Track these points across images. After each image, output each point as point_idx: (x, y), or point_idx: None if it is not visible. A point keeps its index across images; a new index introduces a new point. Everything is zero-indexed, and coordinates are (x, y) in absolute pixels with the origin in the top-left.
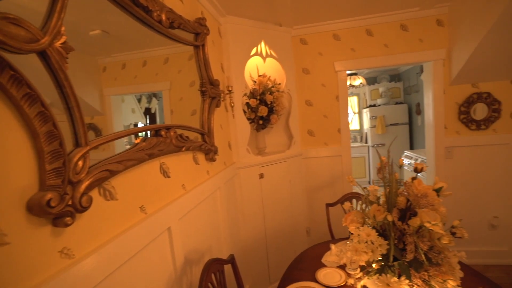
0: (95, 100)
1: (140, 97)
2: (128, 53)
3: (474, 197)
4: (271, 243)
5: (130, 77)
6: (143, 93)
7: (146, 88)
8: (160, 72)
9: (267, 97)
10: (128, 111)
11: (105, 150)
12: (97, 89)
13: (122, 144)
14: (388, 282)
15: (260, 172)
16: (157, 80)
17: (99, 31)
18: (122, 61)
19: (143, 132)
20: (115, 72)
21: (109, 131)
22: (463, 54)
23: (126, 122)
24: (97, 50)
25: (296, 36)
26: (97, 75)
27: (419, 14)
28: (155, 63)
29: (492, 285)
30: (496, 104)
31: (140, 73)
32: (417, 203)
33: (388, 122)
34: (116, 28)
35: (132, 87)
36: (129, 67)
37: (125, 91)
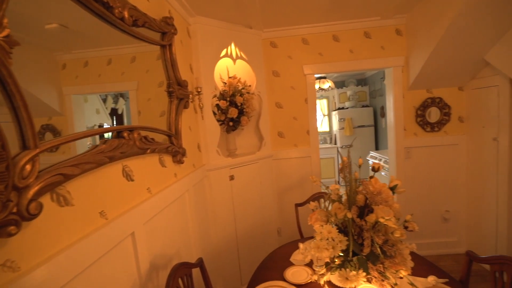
0: (53, 99)
1: (106, 97)
2: (91, 50)
3: (429, 193)
4: (243, 245)
5: (93, 76)
6: (108, 93)
7: (111, 87)
8: (127, 71)
9: (237, 99)
10: (92, 111)
11: (65, 153)
12: (56, 88)
13: (85, 146)
14: (347, 276)
15: (231, 174)
16: (124, 80)
17: (56, 25)
18: (84, 58)
19: (104, 133)
20: (76, 70)
21: (70, 132)
22: (419, 62)
23: (90, 123)
24: (55, 45)
25: (266, 39)
26: (56, 73)
27: (381, 23)
28: (121, 61)
29: (441, 273)
30: (447, 108)
31: (104, 72)
32: (373, 200)
33: (355, 124)
34: (75, 22)
35: (95, 86)
36: (92, 65)
37: (88, 90)
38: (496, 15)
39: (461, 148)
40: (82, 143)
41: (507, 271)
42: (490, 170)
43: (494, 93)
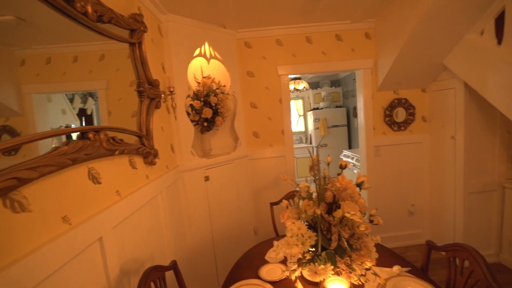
0: (10, 98)
1: (73, 97)
2: (54, 46)
3: (397, 188)
4: (219, 245)
5: (57, 74)
6: (75, 92)
7: (78, 86)
8: (95, 69)
9: (211, 99)
10: (57, 112)
11: (26, 156)
12: (13, 86)
13: (50, 149)
14: (316, 270)
15: (206, 174)
16: (92, 78)
17: (11, 17)
18: (46, 55)
19: (72, 134)
20: (37, 67)
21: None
22: (386, 65)
23: (55, 125)
24: (11, 39)
25: (240, 39)
26: (13, 69)
27: (351, 27)
28: (89, 59)
29: (405, 263)
30: (411, 108)
31: (70, 70)
32: (340, 196)
33: (329, 124)
34: (34, 15)
35: (60, 85)
36: (55, 62)
37: (52, 89)
38: (452, 23)
39: (424, 146)
40: (47, 145)
41: (459, 256)
42: (449, 165)
43: (451, 95)
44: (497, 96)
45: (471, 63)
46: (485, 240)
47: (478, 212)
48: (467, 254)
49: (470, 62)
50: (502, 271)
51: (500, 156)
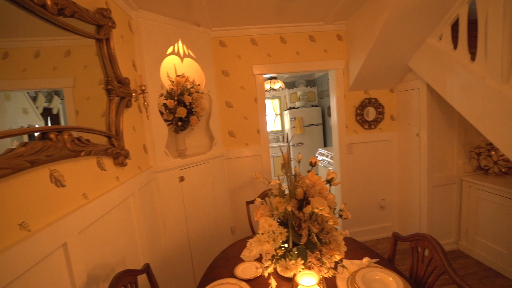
0: None
1: (36, 95)
2: (11, 39)
3: (368, 184)
4: (196, 246)
5: (16, 70)
6: (38, 90)
7: (40, 84)
8: (60, 66)
9: (185, 98)
10: (17, 111)
11: None
12: None
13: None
14: (287, 266)
15: (181, 175)
16: (56, 76)
17: None
18: (3, 49)
19: (27, 134)
20: None
21: None
22: (356, 66)
23: (16, 125)
24: None
25: (215, 38)
26: None
27: (324, 28)
28: (52, 55)
29: (374, 254)
30: (381, 108)
31: (31, 66)
32: (309, 193)
33: (305, 123)
34: None
35: (20, 82)
36: (13, 57)
37: (9, 86)
38: (414, 28)
39: (393, 143)
40: (6, 147)
41: (421, 245)
42: (414, 161)
43: (416, 95)
44: (455, 96)
45: (432, 65)
46: (446, 229)
47: (440, 204)
48: (427, 243)
49: (431, 65)
50: (461, 257)
51: (458, 151)
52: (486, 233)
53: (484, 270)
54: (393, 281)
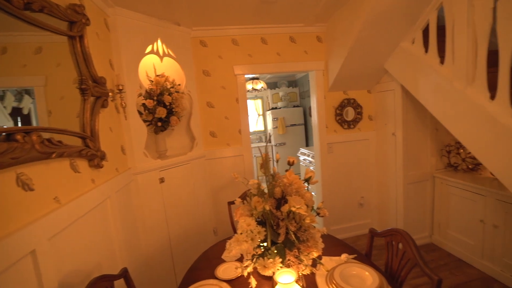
0: None
1: (4, 94)
2: None
3: (348, 182)
4: (177, 249)
5: None
6: (6, 88)
7: (8, 82)
8: (30, 63)
9: (165, 98)
10: None
11: None
12: None
13: None
14: (265, 264)
15: (161, 176)
16: (26, 74)
17: None
18: None
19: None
20: None
21: None
22: (335, 67)
23: None
24: None
25: (196, 38)
26: None
27: (304, 30)
28: (21, 52)
29: (352, 251)
30: (359, 108)
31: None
32: (287, 191)
33: (288, 123)
34: None
35: None
36: None
37: None
38: (389, 31)
39: (371, 142)
40: None
41: (395, 240)
42: (391, 160)
43: (391, 96)
44: (426, 97)
45: (405, 68)
46: (421, 224)
47: (415, 200)
48: (401, 237)
49: (404, 67)
50: (434, 250)
51: (431, 150)
52: (456, 226)
53: (455, 261)
54: (369, 275)
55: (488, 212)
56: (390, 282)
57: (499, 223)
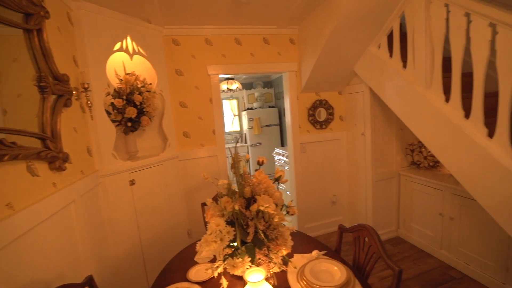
0: None
1: None
2: None
3: (321, 181)
4: (150, 252)
5: None
6: None
7: None
8: None
9: (135, 97)
10: None
11: None
12: None
13: None
14: (234, 264)
15: (131, 178)
16: None
17: None
18: None
19: None
20: None
21: None
22: (308, 69)
23: None
24: None
25: (168, 36)
26: None
27: (277, 32)
28: None
29: (323, 247)
30: (331, 109)
31: None
32: (256, 191)
33: (263, 124)
34: None
35: None
36: None
37: None
38: (357, 36)
39: (342, 142)
40: None
41: (361, 235)
42: (360, 158)
43: (360, 97)
44: (391, 99)
45: (372, 71)
46: (388, 219)
47: (383, 197)
48: (367, 232)
49: (372, 70)
50: (400, 243)
51: (397, 148)
52: (419, 220)
53: (418, 252)
54: (338, 270)
55: (446, 206)
56: (357, 275)
57: (455, 215)
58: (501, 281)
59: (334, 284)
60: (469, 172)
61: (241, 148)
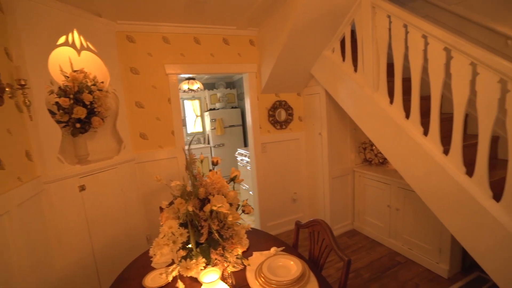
0: None
1: None
2: None
3: (282, 179)
4: (104, 261)
5: None
6: None
7: None
8: None
9: (85, 97)
10: None
11: None
12: None
13: None
14: (187, 266)
15: (81, 183)
16: None
17: None
18: None
19: None
20: None
21: None
22: (267, 70)
23: None
24: None
25: (121, 32)
26: None
27: (237, 33)
28: None
29: (281, 243)
30: (290, 109)
31: None
32: (210, 191)
33: (226, 124)
34: None
35: None
36: None
37: None
38: (314, 40)
39: (301, 142)
40: None
41: (316, 229)
42: (318, 157)
43: (317, 98)
44: (345, 101)
45: (327, 73)
46: (344, 213)
47: (339, 193)
48: (320, 227)
49: (327, 73)
50: (355, 234)
51: (351, 147)
52: (371, 212)
53: (370, 242)
54: (294, 264)
55: (393, 198)
56: (312, 268)
57: (400, 206)
58: (435, 261)
59: (290, 278)
60: (409, 166)
61: (204, 149)
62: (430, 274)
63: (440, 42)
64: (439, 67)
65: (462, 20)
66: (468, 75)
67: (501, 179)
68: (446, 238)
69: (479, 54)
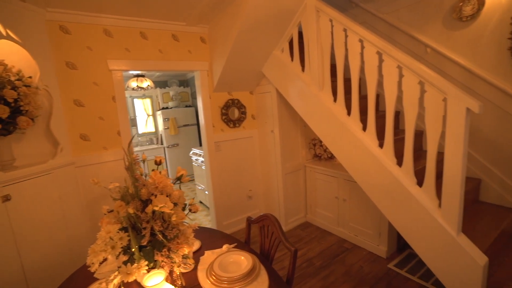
0: None
1: None
2: None
3: (237, 177)
4: (38, 278)
5: None
6: None
7: None
8: None
9: (7, 93)
10: None
11: None
12: None
13: None
14: (128, 271)
15: (5, 193)
16: None
17: None
18: None
19: None
20: None
21: None
22: (219, 68)
23: None
24: None
25: (53, 21)
26: None
27: (187, 29)
28: None
29: (233, 240)
30: (243, 108)
31: None
32: (152, 192)
33: (180, 124)
34: None
35: None
36: None
37: None
38: (264, 39)
39: (254, 139)
40: None
41: (265, 224)
42: (271, 154)
43: (269, 97)
44: (294, 99)
45: (277, 73)
46: (298, 207)
47: (292, 188)
48: (269, 221)
49: (277, 72)
50: (308, 226)
51: (302, 143)
52: (321, 204)
53: (321, 233)
54: (244, 259)
55: (340, 190)
56: (263, 262)
57: (347, 197)
58: (376, 244)
59: (240, 273)
60: (352, 160)
61: (157, 150)
62: (372, 256)
63: (373, 46)
64: (373, 69)
65: (392, 28)
66: (395, 76)
67: (424, 168)
68: (384, 223)
69: (403, 58)
